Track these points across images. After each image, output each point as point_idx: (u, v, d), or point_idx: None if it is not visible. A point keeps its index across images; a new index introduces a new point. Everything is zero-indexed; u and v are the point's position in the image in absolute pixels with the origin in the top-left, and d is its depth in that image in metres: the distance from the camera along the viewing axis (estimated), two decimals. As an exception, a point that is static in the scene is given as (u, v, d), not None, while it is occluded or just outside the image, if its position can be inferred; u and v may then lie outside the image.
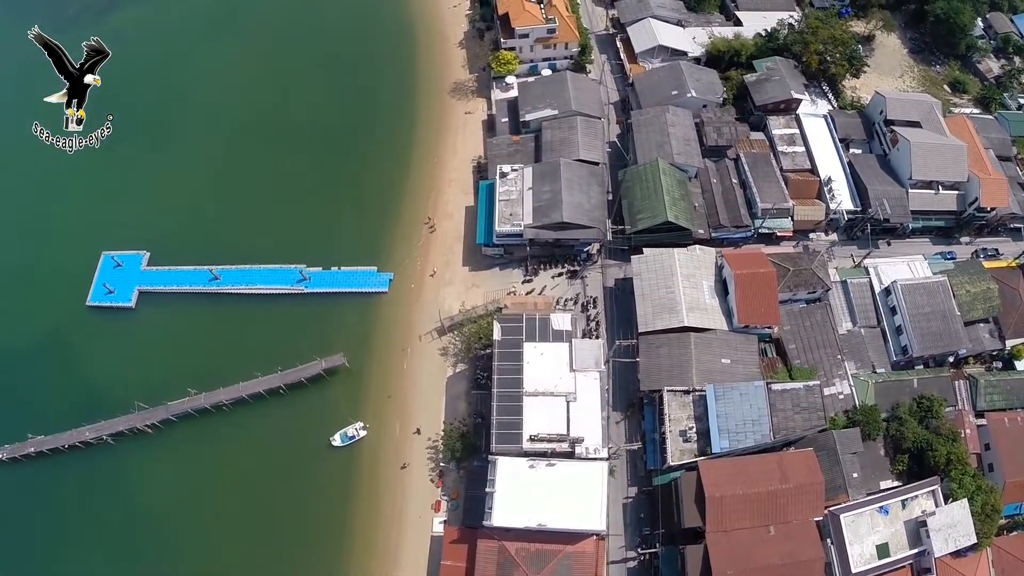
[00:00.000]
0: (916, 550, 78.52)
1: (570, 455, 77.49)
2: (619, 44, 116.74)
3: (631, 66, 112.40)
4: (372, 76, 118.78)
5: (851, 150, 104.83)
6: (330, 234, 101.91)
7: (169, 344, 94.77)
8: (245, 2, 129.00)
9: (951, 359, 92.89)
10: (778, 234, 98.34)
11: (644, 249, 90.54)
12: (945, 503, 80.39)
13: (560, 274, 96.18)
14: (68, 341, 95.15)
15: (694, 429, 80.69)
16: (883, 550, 78.00)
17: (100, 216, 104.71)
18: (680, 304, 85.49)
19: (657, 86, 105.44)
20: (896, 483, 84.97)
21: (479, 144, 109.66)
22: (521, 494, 74.87)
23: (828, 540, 77.24)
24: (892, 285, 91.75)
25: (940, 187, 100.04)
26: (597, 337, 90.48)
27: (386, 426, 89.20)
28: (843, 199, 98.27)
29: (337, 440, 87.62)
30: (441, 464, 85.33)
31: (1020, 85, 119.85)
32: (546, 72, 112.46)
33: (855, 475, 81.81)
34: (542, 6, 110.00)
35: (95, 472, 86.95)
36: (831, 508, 78.41)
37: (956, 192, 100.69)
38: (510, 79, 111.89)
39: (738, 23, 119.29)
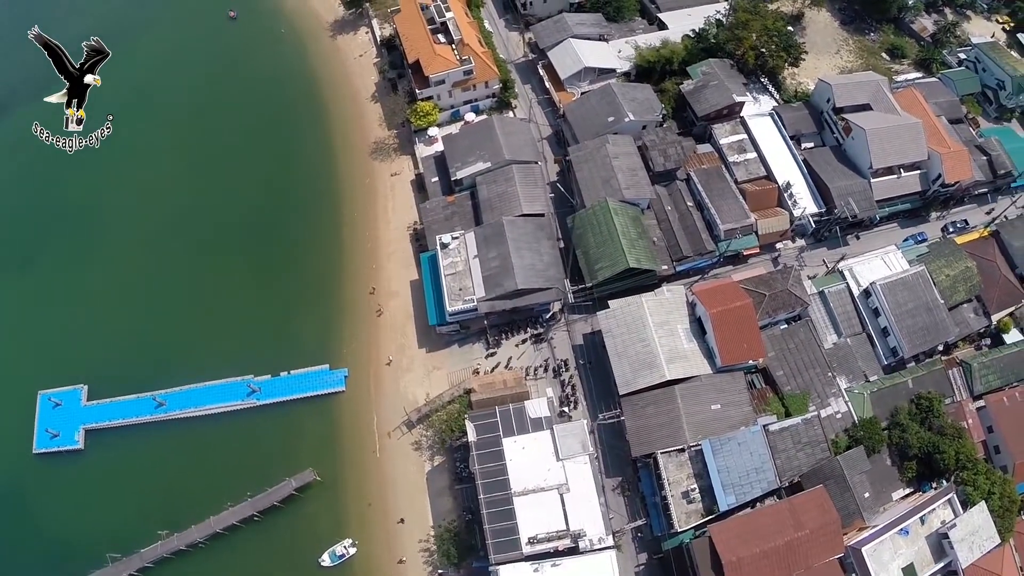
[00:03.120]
0: (943, 563, 76.80)
1: (574, 550, 72.37)
2: (542, 72, 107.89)
3: (559, 94, 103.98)
4: (287, 152, 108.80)
5: (803, 145, 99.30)
6: (273, 336, 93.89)
7: (128, 484, 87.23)
8: (135, 103, 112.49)
9: (940, 346, 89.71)
10: (744, 253, 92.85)
11: (610, 302, 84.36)
12: (963, 508, 77.86)
13: (524, 340, 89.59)
14: (24, 496, 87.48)
15: (696, 489, 76.28)
16: (909, 571, 76.40)
17: (27, 352, 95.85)
18: (659, 357, 79.97)
19: (591, 114, 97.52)
20: (908, 490, 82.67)
21: (412, 208, 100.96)
22: (529, 601, 70.46)
23: (853, 574, 74.24)
24: (871, 287, 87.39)
25: (901, 170, 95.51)
26: (575, 403, 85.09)
27: (374, 537, 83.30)
28: (806, 204, 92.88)
29: (326, 560, 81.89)
30: (439, 572, 79.83)
31: (956, 39, 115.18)
32: (470, 116, 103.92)
33: (866, 495, 79.37)
34: (454, 47, 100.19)
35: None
36: (851, 542, 75.41)
37: (918, 172, 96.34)
38: (433, 131, 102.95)
39: (662, 26, 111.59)
